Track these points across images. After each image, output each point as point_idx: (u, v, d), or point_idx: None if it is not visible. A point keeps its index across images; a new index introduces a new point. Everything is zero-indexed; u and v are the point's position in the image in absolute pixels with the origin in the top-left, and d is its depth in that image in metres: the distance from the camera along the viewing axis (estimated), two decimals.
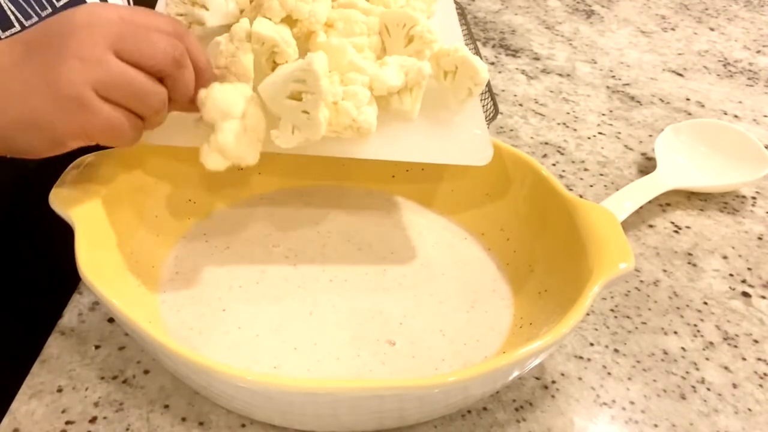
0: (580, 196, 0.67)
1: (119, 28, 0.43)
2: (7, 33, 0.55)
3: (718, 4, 1.19)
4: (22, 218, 0.60)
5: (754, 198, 0.74)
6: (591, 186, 0.73)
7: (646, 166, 0.77)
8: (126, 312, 0.43)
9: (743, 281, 0.63)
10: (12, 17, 0.56)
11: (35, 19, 0.57)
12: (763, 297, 0.62)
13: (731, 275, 0.64)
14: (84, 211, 0.50)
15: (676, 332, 0.58)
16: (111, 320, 0.53)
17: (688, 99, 0.90)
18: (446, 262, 0.59)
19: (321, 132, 0.49)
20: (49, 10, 0.59)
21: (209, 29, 0.56)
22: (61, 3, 0.60)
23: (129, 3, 0.70)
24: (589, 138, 0.81)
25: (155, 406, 0.48)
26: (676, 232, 0.68)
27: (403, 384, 0.43)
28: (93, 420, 0.47)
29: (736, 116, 0.88)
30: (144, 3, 0.68)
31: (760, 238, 0.69)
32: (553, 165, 0.76)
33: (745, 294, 0.62)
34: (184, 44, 0.45)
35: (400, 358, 0.51)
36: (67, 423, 0.47)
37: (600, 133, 0.82)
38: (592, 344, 0.56)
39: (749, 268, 0.65)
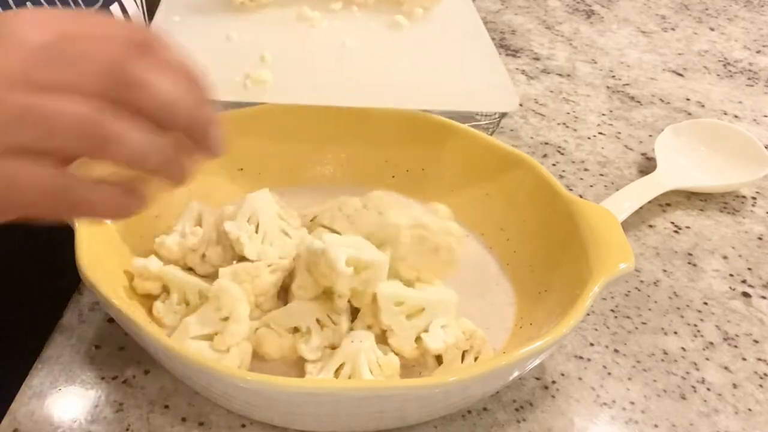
0: (580, 196, 0.67)
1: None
2: None
3: (718, 4, 1.18)
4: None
5: (754, 198, 0.74)
6: (591, 186, 0.73)
7: (646, 166, 0.77)
8: (126, 312, 0.43)
9: (743, 281, 0.63)
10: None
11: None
12: (763, 297, 0.62)
13: (731, 275, 0.64)
14: None
15: (676, 332, 0.58)
16: (111, 320, 0.53)
17: (688, 99, 0.90)
18: None
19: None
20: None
21: None
22: None
23: (142, 8, 0.69)
24: (589, 138, 0.81)
25: (155, 406, 0.48)
26: (676, 232, 0.68)
27: (403, 384, 0.43)
28: (93, 420, 0.47)
29: (736, 116, 0.88)
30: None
31: (760, 238, 0.69)
32: (553, 165, 0.76)
33: (745, 294, 0.62)
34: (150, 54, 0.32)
35: None
36: (68, 423, 0.47)
37: (600, 133, 0.82)
38: (592, 344, 0.56)
39: (749, 269, 0.65)
